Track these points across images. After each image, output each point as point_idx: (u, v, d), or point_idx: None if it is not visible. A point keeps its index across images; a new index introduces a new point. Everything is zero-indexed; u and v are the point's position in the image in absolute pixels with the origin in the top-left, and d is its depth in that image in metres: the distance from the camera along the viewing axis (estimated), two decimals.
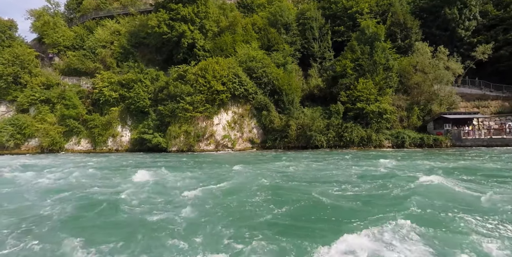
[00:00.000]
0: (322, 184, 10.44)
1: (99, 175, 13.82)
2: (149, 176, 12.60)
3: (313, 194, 8.78)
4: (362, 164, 15.98)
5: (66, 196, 9.36)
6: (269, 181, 11.06)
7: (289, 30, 42.65)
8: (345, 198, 8.42)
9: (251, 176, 12.31)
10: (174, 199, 8.75)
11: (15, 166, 17.12)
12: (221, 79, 32.10)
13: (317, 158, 20.58)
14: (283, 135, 32.74)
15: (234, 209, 7.70)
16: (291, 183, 10.86)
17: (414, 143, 29.56)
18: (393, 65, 34.17)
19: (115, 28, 40.31)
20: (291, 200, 8.31)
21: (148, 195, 9.35)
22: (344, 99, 32.79)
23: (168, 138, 31.26)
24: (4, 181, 12.13)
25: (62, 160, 23.26)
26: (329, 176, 12.27)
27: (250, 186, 10.22)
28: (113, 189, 10.24)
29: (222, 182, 10.80)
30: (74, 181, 12.19)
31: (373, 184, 10.20)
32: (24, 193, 9.84)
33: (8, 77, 35.15)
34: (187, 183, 11.28)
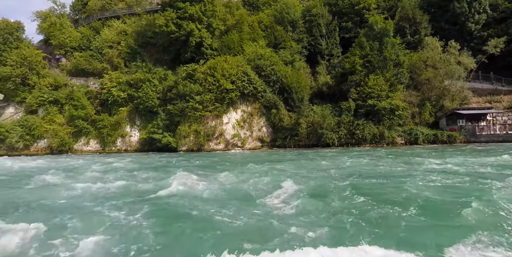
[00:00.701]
0: (407, 180, 10.00)
1: (150, 176, 12.84)
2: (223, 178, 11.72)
3: (422, 192, 8.33)
4: (410, 160, 15.53)
5: (151, 202, 8.19)
6: (344, 180, 10.46)
7: (295, 28, 42.26)
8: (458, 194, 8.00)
9: (318, 175, 11.80)
10: (259, 201, 8.14)
11: (51, 171, 15.56)
12: (230, 77, 31.85)
13: (350, 156, 19.90)
14: (293, 134, 32.45)
15: (365, 209, 7.04)
16: (372, 181, 10.46)
17: (427, 140, 29.16)
18: (404, 60, 33.72)
19: (121, 28, 40.17)
20: (401, 197, 7.85)
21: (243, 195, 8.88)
22: (355, 96, 32.40)
23: (178, 138, 31.09)
24: (63, 189, 10.37)
25: (84, 161, 22.31)
26: (401, 172, 11.85)
27: (335, 185, 9.65)
28: (191, 192, 9.45)
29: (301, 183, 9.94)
30: (131, 183, 11.02)
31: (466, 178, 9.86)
32: (102, 203, 8.21)
33: (16, 78, 35.13)
34: (262, 184, 10.38)
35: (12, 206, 8.15)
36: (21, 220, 6.45)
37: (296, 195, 8.36)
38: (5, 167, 18.94)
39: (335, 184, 9.91)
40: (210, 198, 8.68)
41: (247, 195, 8.91)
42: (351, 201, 7.87)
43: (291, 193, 8.62)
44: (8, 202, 8.72)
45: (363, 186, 9.58)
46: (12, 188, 11.28)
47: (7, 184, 12.21)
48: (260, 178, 11.25)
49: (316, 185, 9.98)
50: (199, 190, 9.68)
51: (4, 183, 12.56)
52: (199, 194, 9.06)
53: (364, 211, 6.84)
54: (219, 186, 10.26)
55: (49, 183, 11.88)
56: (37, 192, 10.13)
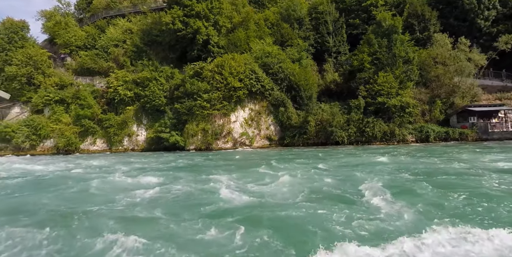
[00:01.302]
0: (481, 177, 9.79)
1: (196, 179, 11.69)
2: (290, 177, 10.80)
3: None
4: (460, 157, 15.20)
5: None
6: (416, 178, 10.10)
7: (302, 25, 41.87)
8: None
9: (380, 173, 11.39)
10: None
11: (86, 171, 14.65)
12: (238, 75, 31.51)
13: (379, 153, 19.42)
14: (301, 132, 32.11)
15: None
16: (447, 177, 10.20)
17: (438, 137, 28.74)
18: (414, 57, 33.29)
19: (127, 27, 39.88)
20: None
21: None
22: (364, 93, 32.01)
23: (185, 137, 30.79)
24: (122, 195, 8.99)
25: (106, 161, 20.97)
26: (464, 169, 11.57)
27: (413, 183, 9.35)
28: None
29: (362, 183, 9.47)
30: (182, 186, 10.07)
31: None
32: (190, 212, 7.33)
33: (22, 78, 34.88)
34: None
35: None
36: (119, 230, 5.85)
37: (389, 193, 7.98)
38: (38, 169, 17.10)
39: (412, 181, 9.58)
40: (307, 198, 7.99)
41: (334, 195, 8.41)
42: (449, 196, 7.65)
43: (381, 191, 8.21)
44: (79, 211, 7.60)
45: (445, 182, 9.33)
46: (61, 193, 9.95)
47: (59, 189, 10.57)
48: (329, 176, 10.82)
49: (395, 183, 9.54)
50: (283, 192, 8.77)
51: (55, 187, 10.84)
52: (285, 197, 8.23)
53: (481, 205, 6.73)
54: (295, 186, 9.47)
55: (100, 187, 10.50)
56: (99, 199, 8.77)
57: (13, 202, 8.95)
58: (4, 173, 15.15)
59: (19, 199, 9.34)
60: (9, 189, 10.80)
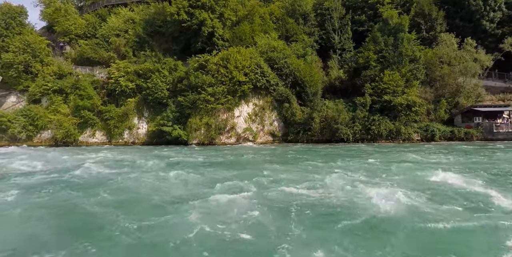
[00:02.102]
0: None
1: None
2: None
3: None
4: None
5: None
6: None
7: (307, 21, 41.38)
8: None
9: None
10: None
11: (115, 166, 13.78)
12: (243, 69, 30.94)
13: (412, 151, 18.93)
14: (306, 128, 31.78)
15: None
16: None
17: (444, 137, 28.71)
18: (420, 56, 33.12)
19: (129, 16, 38.81)
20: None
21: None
22: (370, 91, 31.76)
23: (188, 131, 30.19)
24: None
25: (127, 155, 19.31)
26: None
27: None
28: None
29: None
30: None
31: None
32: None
33: (19, 65, 33.76)
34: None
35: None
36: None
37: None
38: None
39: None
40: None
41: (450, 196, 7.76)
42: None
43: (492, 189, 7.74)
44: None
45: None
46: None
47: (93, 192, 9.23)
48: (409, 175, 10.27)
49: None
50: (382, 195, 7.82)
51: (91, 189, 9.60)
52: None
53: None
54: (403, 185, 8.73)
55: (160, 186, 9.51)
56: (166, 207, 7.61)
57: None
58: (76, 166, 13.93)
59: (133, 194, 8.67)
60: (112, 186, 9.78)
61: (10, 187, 9.52)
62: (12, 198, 8.24)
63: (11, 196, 8.35)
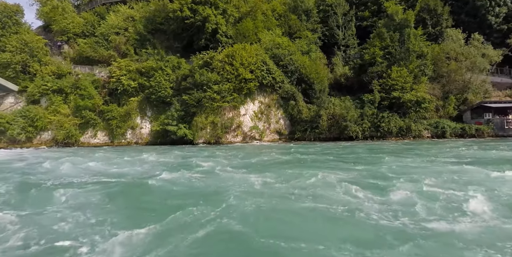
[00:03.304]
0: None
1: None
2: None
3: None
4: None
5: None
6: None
7: (309, 17, 40.77)
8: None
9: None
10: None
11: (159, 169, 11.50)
12: (249, 66, 30.24)
13: (454, 146, 17.92)
14: (313, 126, 31.19)
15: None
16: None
17: (454, 133, 28.28)
18: (428, 52, 32.66)
19: (128, 14, 37.85)
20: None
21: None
22: (377, 88, 31.25)
23: (194, 130, 29.43)
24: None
25: (148, 155, 17.22)
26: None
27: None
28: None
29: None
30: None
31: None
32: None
33: (16, 65, 32.67)
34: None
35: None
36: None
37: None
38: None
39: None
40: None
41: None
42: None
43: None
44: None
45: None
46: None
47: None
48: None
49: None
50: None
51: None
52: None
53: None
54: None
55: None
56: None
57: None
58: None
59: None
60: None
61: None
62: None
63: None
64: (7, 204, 7.09)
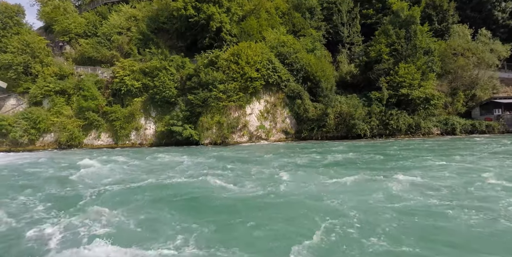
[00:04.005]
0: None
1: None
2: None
3: None
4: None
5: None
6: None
7: (313, 15, 40.37)
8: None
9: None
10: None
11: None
12: (255, 65, 29.78)
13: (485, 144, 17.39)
14: (320, 125, 30.73)
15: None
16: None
17: (464, 130, 27.86)
18: (435, 48, 32.23)
19: (131, 13, 37.41)
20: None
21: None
22: (385, 85, 30.82)
23: (200, 130, 28.97)
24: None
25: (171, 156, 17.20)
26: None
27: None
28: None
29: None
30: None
31: None
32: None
33: (18, 66, 32.22)
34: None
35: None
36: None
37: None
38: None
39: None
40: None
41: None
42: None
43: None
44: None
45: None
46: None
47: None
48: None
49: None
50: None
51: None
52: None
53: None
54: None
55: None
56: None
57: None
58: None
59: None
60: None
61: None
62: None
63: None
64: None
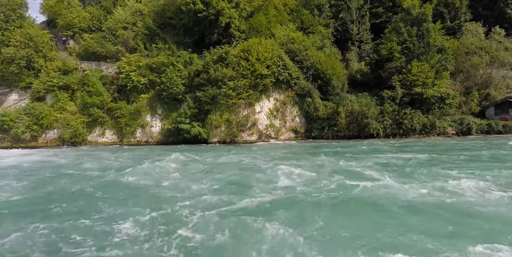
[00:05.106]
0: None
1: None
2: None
3: None
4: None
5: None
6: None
7: (322, 12, 39.66)
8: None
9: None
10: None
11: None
12: (265, 62, 29.00)
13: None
14: (331, 124, 30.02)
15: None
16: None
17: (480, 130, 27.21)
18: (449, 46, 31.55)
19: (136, 8, 36.53)
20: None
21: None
22: (397, 83, 30.12)
23: (208, 128, 28.18)
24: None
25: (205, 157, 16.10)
26: None
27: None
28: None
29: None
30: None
31: None
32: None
33: (20, 60, 31.29)
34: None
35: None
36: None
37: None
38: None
39: None
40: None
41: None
42: None
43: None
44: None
45: None
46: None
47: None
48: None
49: None
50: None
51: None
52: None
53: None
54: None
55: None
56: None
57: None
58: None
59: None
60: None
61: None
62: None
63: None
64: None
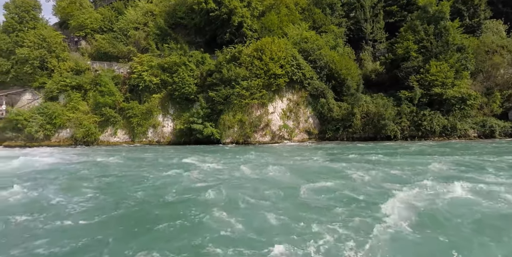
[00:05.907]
0: None
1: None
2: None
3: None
4: None
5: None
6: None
7: (334, 11, 38.91)
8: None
9: None
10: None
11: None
12: (279, 61, 28.44)
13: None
14: (346, 125, 29.25)
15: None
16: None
17: (504, 133, 26.10)
18: (469, 45, 30.46)
19: (147, 8, 36.44)
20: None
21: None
22: (415, 84, 29.17)
23: (221, 129, 27.75)
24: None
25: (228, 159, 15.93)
26: None
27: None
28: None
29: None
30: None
31: None
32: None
33: (34, 61, 31.45)
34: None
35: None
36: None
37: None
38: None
39: None
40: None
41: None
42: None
43: None
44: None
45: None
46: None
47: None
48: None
49: None
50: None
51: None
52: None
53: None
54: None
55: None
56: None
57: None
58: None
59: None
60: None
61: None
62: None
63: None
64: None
